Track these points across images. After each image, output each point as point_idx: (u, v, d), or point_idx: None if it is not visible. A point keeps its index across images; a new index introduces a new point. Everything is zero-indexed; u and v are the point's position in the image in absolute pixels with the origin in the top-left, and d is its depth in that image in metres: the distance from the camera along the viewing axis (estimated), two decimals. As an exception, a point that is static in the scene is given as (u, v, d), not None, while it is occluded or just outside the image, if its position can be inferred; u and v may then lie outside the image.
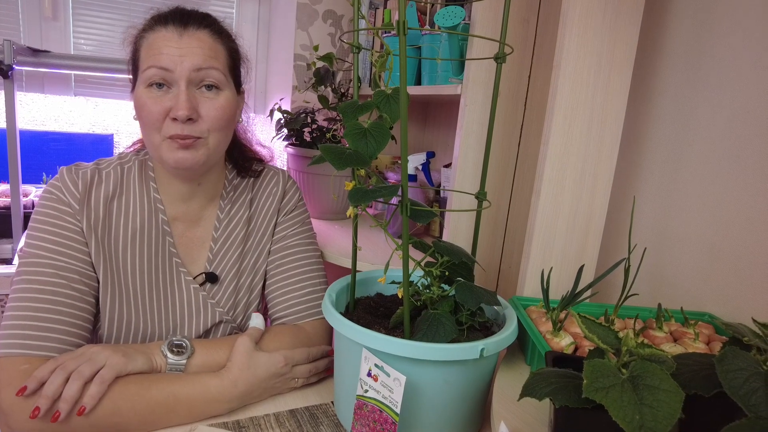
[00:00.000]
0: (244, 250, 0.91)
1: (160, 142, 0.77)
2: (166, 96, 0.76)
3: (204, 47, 0.77)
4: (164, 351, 0.74)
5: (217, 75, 0.78)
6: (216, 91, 0.79)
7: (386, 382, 0.62)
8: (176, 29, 0.76)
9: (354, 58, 0.77)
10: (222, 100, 0.79)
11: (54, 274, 0.74)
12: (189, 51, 0.76)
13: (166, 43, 0.76)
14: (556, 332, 0.72)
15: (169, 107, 0.75)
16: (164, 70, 0.75)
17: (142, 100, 0.76)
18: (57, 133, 1.96)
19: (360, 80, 1.52)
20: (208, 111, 0.78)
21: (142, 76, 0.77)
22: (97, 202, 0.80)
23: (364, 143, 0.62)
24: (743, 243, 0.78)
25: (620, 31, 0.84)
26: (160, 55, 0.75)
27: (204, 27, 0.79)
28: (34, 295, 0.72)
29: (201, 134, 0.78)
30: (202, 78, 0.77)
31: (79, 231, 0.78)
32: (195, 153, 0.78)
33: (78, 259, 0.77)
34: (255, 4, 2.17)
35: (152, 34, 0.77)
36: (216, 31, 0.80)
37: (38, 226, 0.76)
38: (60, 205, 0.78)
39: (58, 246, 0.76)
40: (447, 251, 0.70)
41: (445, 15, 1.01)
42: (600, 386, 0.45)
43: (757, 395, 0.45)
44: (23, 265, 0.75)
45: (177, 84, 0.76)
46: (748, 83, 0.79)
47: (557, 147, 0.84)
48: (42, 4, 1.86)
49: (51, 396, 0.64)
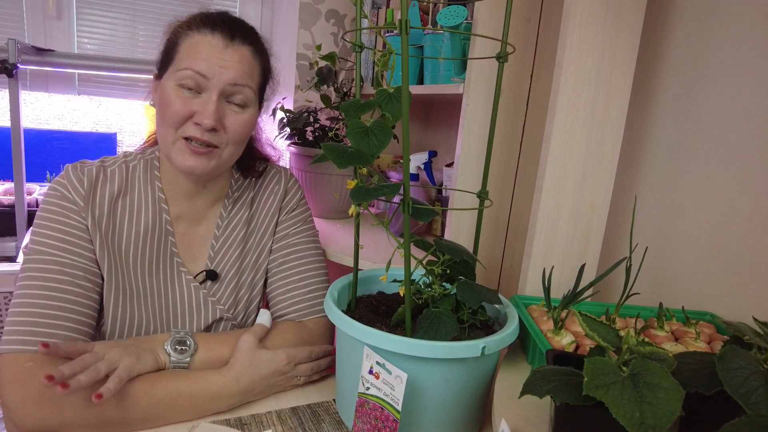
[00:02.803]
0: (246, 248, 0.91)
1: (173, 141, 0.78)
2: (195, 100, 0.76)
3: (245, 64, 0.78)
4: (168, 349, 0.75)
5: (249, 93, 0.79)
6: (243, 108, 0.80)
7: (388, 380, 0.62)
8: (222, 39, 0.77)
9: (356, 57, 0.77)
10: (247, 116, 0.81)
11: (59, 271, 0.75)
12: (230, 65, 0.76)
13: (210, 49, 0.76)
14: (557, 331, 0.73)
15: (194, 111, 0.76)
16: (201, 76, 0.75)
17: (169, 96, 0.76)
18: (61, 131, 1.97)
19: (362, 79, 1.52)
20: (232, 124, 0.78)
21: (177, 74, 0.76)
22: (102, 199, 0.80)
23: (366, 142, 0.63)
24: (745, 242, 0.78)
25: (622, 30, 0.84)
26: (201, 61, 0.75)
27: (249, 44, 0.79)
28: (39, 291, 0.73)
29: (219, 144, 0.79)
30: (234, 93, 0.78)
31: (83, 228, 0.78)
32: (206, 162, 0.78)
33: (83, 256, 0.77)
34: (258, 4, 2.17)
35: (198, 35, 0.77)
36: (258, 49, 0.81)
37: (43, 223, 0.77)
38: (65, 202, 0.78)
39: (62, 243, 0.76)
40: (448, 250, 0.70)
41: (448, 14, 1.02)
42: (600, 384, 0.45)
43: (757, 393, 0.45)
44: (28, 262, 0.75)
45: (209, 92, 0.76)
46: (749, 83, 0.78)
47: (559, 146, 0.84)
48: (46, 4, 1.87)
49: (68, 375, 0.62)
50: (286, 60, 1.88)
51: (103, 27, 1.98)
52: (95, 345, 0.71)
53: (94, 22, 1.96)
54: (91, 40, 1.97)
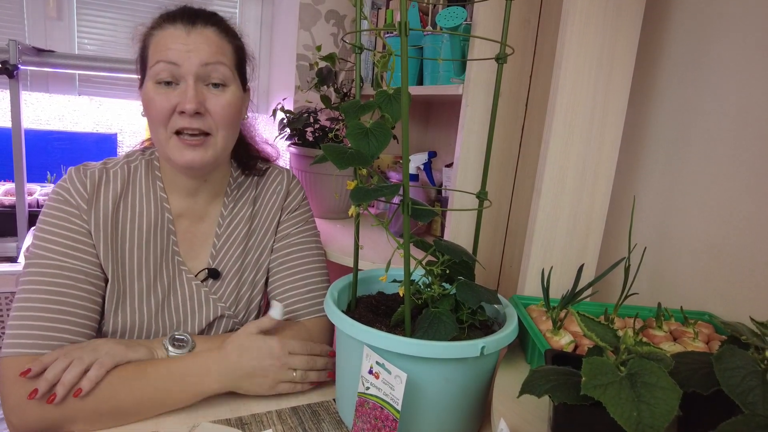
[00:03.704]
0: (247, 247, 0.92)
1: (167, 139, 0.79)
2: (174, 92, 0.78)
3: (211, 44, 0.79)
4: (166, 345, 0.76)
5: (224, 71, 0.80)
6: (222, 87, 0.81)
7: (387, 380, 0.63)
8: (184, 27, 0.78)
9: (356, 58, 0.77)
10: (229, 96, 0.81)
11: (60, 275, 0.75)
12: (196, 47, 0.77)
13: (174, 39, 0.77)
14: (556, 331, 0.73)
15: (177, 102, 0.77)
16: (172, 65, 0.77)
17: (149, 95, 0.78)
18: (61, 132, 1.97)
19: (362, 80, 1.52)
20: (215, 107, 0.79)
21: (151, 72, 0.78)
22: (105, 201, 0.81)
23: (365, 143, 0.63)
24: (743, 243, 0.78)
25: (621, 30, 0.84)
26: (168, 51, 0.77)
27: (211, 25, 0.81)
28: (40, 296, 0.74)
29: (209, 130, 0.79)
30: (209, 73, 0.79)
31: (86, 233, 0.79)
32: (204, 153, 0.79)
33: (84, 260, 0.78)
34: (258, 5, 2.18)
35: (161, 32, 0.79)
36: (222, 29, 0.82)
37: (45, 227, 0.77)
38: (67, 207, 0.79)
39: (64, 248, 0.77)
40: (448, 250, 0.71)
41: (447, 16, 1.02)
42: (598, 383, 0.45)
43: (754, 393, 0.45)
44: (29, 266, 0.76)
45: (185, 79, 0.77)
46: (749, 82, 0.79)
47: (558, 146, 0.84)
48: (46, 4, 1.87)
49: (51, 380, 0.66)
50: (286, 61, 1.88)
51: (103, 27, 1.98)
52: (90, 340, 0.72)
53: (94, 22, 1.96)
54: (91, 40, 1.98)
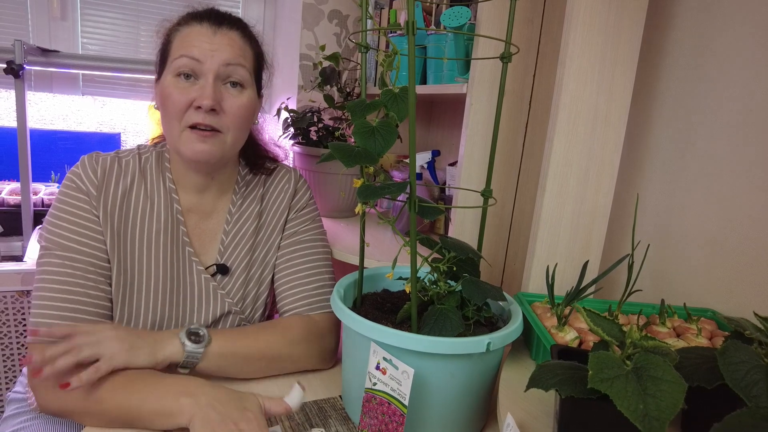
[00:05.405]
0: (255, 243, 0.93)
1: (180, 132, 0.80)
2: (192, 87, 0.79)
3: (234, 46, 0.81)
4: (182, 339, 0.75)
5: (244, 73, 0.82)
6: (240, 89, 0.83)
7: (395, 375, 0.64)
8: (210, 26, 0.81)
9: (362, 57, 0.78)
10: (245, 98, 0.83)
11: (70, 259, 0.77)
12: (220, 47, 0.80)
13: (199, 37, 0.80)
14: (561, 327, 0.74)
15: (194, 98, 0.78)
16: (195, 61, 0.78)
17: (168, 89, 0.79)
18: (65, 132, 1.98)
19: (366, 79, 1.53)
20: (231, 107, 0.81)
21: (172, 65, 0.80)
22: (116, 189, 0.83)
23: (372, 141, 0.64)
24: (746, 240, 0.79)
25: (624, 29, 0.85)
26: (193, 47, 0.79)
27: (236, 29, 0.83)
28: (52, 285, 0.76)
29: (221, 128, 0.81)
30: (229, 74, 0.81)
31: (95, 220, 0.81)
32: (212, 146, 0.81)
33: (94, 247, 0.80)
34: (260, 4, 2.18)
35: (187, 28, 0.81)
36: (246, 34, 0.85)
37: (57, 213, 0.80)
38: (78, 194, 0.81)
39: (74, 234, 0.79)
40: (453, 247, 0.71)
41: (451, 15, 1.03)
42: (605, 377, 0.46)
43: (758, 387, 0.46)
44: (42, 254, 0.79)
45: (205, 76, 0.79)
46: (751, 81, 0.79)
47: (561, 145, 0.85)
48: (50, 5, 1.88)
49: (46, 359, 0.66)
50: (290, 60, 1.89)
51: (106, 28, 1.99)
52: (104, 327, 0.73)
53: (98, 22, 1.97)
54: (95, 40, 1.98)
